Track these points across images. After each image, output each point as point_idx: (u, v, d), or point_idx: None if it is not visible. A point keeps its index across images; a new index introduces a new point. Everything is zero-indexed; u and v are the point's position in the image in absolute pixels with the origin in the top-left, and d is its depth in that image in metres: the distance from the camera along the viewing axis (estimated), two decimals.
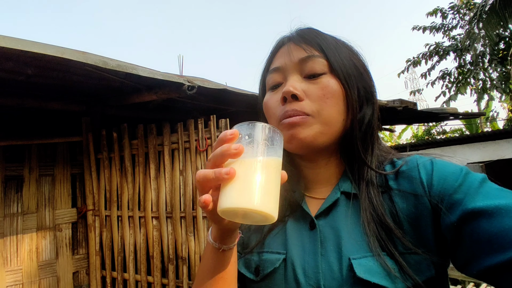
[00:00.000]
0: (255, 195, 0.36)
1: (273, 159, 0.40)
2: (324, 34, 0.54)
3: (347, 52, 0.53)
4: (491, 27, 5.30)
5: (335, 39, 0.55)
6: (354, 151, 0.51)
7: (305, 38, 0.52)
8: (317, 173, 0.55)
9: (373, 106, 0.54)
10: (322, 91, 0.49)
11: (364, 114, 0.52)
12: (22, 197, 2.25)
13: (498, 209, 0.37)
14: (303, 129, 0.48)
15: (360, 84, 0.52)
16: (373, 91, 0.54)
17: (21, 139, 2.18)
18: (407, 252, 0.43)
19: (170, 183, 2.20)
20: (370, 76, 0.55)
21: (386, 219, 0.46)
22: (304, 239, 0.50)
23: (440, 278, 0.44)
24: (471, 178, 0.42)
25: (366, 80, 0.53)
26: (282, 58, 0.53)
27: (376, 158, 0.53)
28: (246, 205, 0.36)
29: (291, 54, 0.51)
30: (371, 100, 0.53)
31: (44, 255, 2.30)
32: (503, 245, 0.35)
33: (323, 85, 0.49)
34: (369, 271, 0.43)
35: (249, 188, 0.37)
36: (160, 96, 1.97)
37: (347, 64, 0.51)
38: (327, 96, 0.49)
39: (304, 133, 0.48)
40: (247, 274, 0.53)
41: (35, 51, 1.30)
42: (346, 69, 0.50)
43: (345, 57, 0.52)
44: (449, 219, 0.41)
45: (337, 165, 0.54)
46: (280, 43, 0.55)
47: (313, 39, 0.52)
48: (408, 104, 3.34)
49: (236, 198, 0.36)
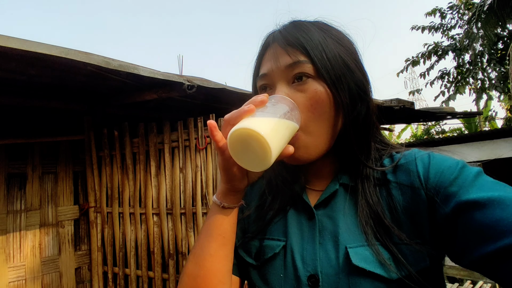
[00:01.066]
0: (266, 126, 0.40)
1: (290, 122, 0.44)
2: (309, 29, 0.51)
3: (335, 47, 0.50)
4: (490, 27, 5.33)
5: (323, 31, 0.51)
6: (349, 150, 0.52)
7: (289, 39, 0.50)
8: (316, 168, 0.56)
9: (367, 103, 0.51)
10: (310, 101, 0.48)
11: (358, 114, 0.50)
12: (25, 194, 2.29)
13: (490, 201, 0.38)
14: (297, 149, 0.48)
15: (351, 82, 0.50)
16: (366, 86, 0.52)
17: (24, 138, 2.22)
18: (402, 242, 0.44)
19: (171, 180, 2.24)
20: (362, 70, 0.52)
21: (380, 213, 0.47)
22: (304, 228, 0.52)
23: (434, 269, 0.45)
24: (467, 171, 0.43)
25: (357, 76, 0.50)
26: (269, 63, 0.51)
27: (375, 152, 0.53)
28: (254, 127, 0.39)
29: (276, 60, 0.50)
30: (364, 97, 0.51)
31: (47, 251, 2.34)
32: (494, 235, 0.36)
33: (310, 94, 0.48)
34: (365, 259, 0.44)
35: (261, 119, 0.41)
36: (160, 95, 2.01)
37: (335, 64, 0.49)
38: (314, 106, 0.48)
39: (298, 153, 0.49)
40: (247, 258, 0.55)
41: (40, 51, 1.34)
42: (334, 71, 0.48)
43: (333, 56, 0.49)
44: (443, 210, 0.42)
45: (336, 161, 0.56)
46: (266, 44, 0.54)
47: (298, 40, 0.49)
48: (405, 104, 3.37)
49: (246, 122, 0.40)
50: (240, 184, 0.49)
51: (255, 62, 0.56)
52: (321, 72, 0.48)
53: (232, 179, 0.47)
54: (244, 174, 0.48)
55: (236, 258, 0.56)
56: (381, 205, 0.48)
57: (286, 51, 0.49)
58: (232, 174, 0.47)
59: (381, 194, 0.49)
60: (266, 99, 0.45)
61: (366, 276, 0.43)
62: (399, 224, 0.46)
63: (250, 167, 0.43)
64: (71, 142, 2.53)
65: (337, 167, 0.55)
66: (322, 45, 0.49)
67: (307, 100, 0.48)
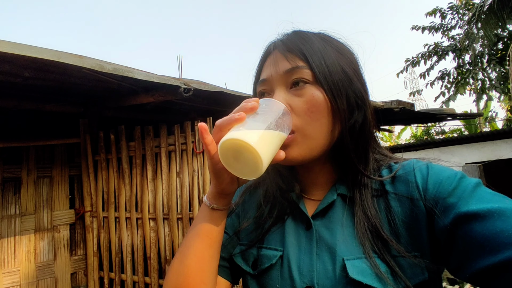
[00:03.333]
0: (256, 136, 0.40)
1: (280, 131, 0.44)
2: (310, 38, 0.52)
3: (335, 56, 0.51)
4: (490, 27, 5.31)
5: (324, 41, 0.52)
6: (347, 158, 0.51)
7: (289, 46, 0.51)
8: (313, 177, 0.56)
9: (364, 112, 0.51)
10: (306, 105, 0.48)
11: (355, 122, 0.50)
12: (20, 199, 2.26)
13: (490, 213, 0.38)
14: (291, 149, 0.48)
15: (349, 90, 0.50)
16: (364, 95, 0.52)
17: (19, 141, 2.19)
18: (399, 255, 0.44)
19: (167, 184, 2.21)
20: (361, 80, 0.53)
21: (378, 226, 0.46)
22: (301, 238, 0.52)
23: (433, 282, 0.45)
24: (465, 182, 0.43)
25: (356, 84, 0.51)
26: (268, 69, 0.53)
27: (373, 163, 0.53)
28: (245, 138, 0.39)
29: (276, 66, 0.51)
30: (362, 106, 0.51)
31: (42, 256, 2.31)
32: (494, 248, 0.36)
33: (307, 98, 0.48)
34: (362, 272, 0.43)
35: (252, 131, 0.41)
36: (156, 98, 1.98)
37: (333, 71, 0.49)
38: (311, 110, 0.48)
39: (292, 153, 0.48)
40: (244, 266, 0.55)
41: (32, 55, 1.31)
42: (332, 78, 0.49)
43: (332, 63, 0.50)
44: (442, 222, 0.41)
45: (334, 170, 0.55)
46: (267, 52, 0.55)
47: (298, 46, 0.50)
48: (405, 105, 3.35)
49: (238, 133, 0.41)
50: (230, 188, 0.49)
51: (256, 69, 0.57)
52: (319, 78, 0.48)
53: (221, 182, 0.48)
54: (234, 179, 0.49)
55: (230, 264, 0.57)
56: (379, 217, 0.47)
57: (286, 57, 0.50)
58: (221, 178, 0.48)
59: (379, 206, 0.49)
60: (256, 105, 0.45)
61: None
62: (397, 236, 0.46)
63: (241, 175, 0.44)
64: (67, 145, 2.50)
65: (334, 177, 0.55)
66: (321, 52, 0.50)
67: (304, 104, 0.48)
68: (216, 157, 0.45)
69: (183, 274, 0.49)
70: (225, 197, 0.50)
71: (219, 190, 0.49)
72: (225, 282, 0.57)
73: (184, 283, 0.48)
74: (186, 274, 0.48)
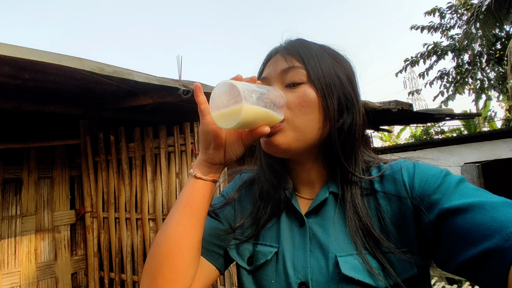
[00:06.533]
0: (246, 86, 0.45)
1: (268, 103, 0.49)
2: (310, 44, 0.55)
3: (331, 62, 0.54)
4: (488, 27, 5.32)
5: (322, 49, 0.56)
6: (336, 157, 0.53)
7: (289, 50, 0.55)
8: (304, 175, 0.58)
9: (353, 115, 0.54)
10: (298, 100, 0.51)
11: (343, 122, 0.53)
12: (21, 200, 2.28)
13: (471, 206, 0.39)
14: (278, 136, 0.51)
15: (340, 92, 0.53)
16: (354, 100, 0.55)
17: (20, 142, 2.20)
18: (390, 252, 0.46)
19: (167, 185, 2.23)
20: (353, 85, 0.56)
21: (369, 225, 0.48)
22: (295, 235, 0.54)
23: (422, 276, 0.47)
24: (449, 179, 0.45)
25: (347, 88, 0.54)
26: (268, 69, 0.56)
27: (363, 163, 0.55)
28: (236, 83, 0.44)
29: (275, 65, 0.55)
30: (351, 109, 0.54)
31: (42, 257, 2.33)
32: (475, 239, 0.37)
33: (299, 94, 0.51)
34: (354, 268, 0.45)
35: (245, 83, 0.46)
36: (156, 100, 2.00)
37: (327, 74, 0.52)
38: (302, 104, 0.51)
39: (278, 140, 0.51)
40: (239, 261, 0.56)
41: (32, 58, 1.33)
42: (325, 79, 0.52)
43: (327, 67, 0.53)
44: (428, 218, 0.43)
45: (324, 169, 0.57)
46: (269, 55, 0.59)
47: (297, 50, 0.54)
48: (404, 105, 3.36)
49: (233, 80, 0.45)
50: (216, 156, 0.51)
51: (259, 69, 0.61)
52: (313, 78, 0.52)
53: (208, 146, 0.51)
54: (221, 145, 0.51)
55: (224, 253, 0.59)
56: (370, 216, 0.49)
57: (284, 58, 0.54)
58: (209, 139, 0.50)
59: (369, 204, 0.51)
60: (255, 77, 0.51)
61: (355, 285, 0.45)
62: (387, 233, 0.48)
63: (224, 125, 0.46)
64: (67, 146, 2.52)
65: (326, 175, 0.57)
66: (318, 57, 0.54)
67: (296, 99, 0.51)
68: (208, 118, 0.49)
69: (163, 243, 0.49)
70: (210, 166, 0.52)
71: (205, 158, 0.52)
72: (213, 268, 0.57)
73: (162, 252, 0.48)
74: (165, 243, 0.49)
